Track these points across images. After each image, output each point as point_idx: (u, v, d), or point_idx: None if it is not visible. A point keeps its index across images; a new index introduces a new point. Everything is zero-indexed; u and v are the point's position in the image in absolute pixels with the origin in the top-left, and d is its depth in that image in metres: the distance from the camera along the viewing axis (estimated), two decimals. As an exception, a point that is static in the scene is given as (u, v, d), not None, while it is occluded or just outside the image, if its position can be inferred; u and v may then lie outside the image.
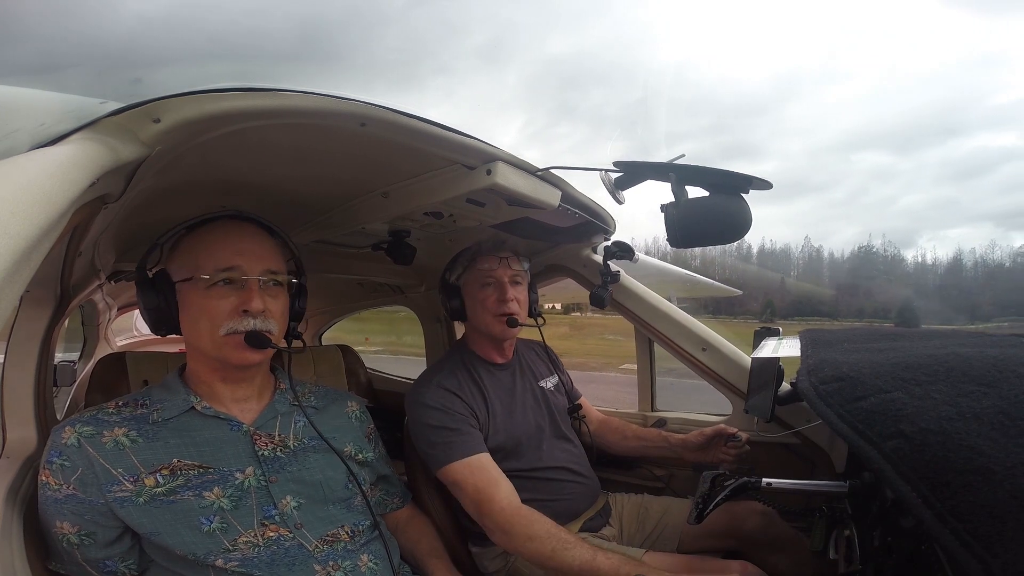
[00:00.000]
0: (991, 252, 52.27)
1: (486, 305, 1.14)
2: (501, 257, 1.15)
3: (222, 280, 0.74)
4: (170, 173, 0.72)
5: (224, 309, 0.74)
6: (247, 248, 0.77)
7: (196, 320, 0.75)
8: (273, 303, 0.78)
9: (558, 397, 1.28)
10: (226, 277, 0.75)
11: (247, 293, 0.75)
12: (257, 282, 0.76)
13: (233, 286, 0.75)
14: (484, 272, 1.14)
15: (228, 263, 0.75)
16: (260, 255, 0.77)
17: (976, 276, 48.25)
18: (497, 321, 1.13)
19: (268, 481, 0.77)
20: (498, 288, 1.14)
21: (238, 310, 0.74)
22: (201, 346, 0.77)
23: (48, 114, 0.54)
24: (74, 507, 0.69)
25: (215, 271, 0.74)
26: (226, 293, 0.75)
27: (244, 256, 0.76)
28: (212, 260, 0.74)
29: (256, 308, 0.74)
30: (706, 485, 0.86)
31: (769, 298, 12.00)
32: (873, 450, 0.48)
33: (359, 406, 0.98)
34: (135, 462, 0.71)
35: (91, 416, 0.73)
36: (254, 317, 0.75)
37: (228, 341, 0.74)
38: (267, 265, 0.78)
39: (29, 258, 0.38)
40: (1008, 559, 0.37)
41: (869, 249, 30.98)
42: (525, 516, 0.91)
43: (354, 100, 0.65)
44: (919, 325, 14.44)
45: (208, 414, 0.78)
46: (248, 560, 0.72)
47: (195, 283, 0.74)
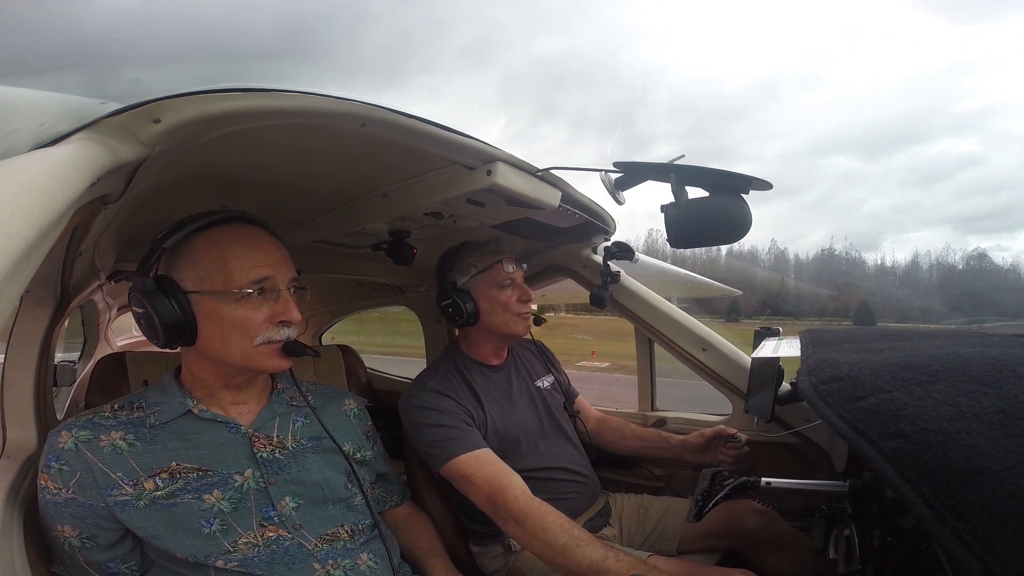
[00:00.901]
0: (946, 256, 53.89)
1: (508, 306, 1.15)
2: (511, 258, 1.18)
3: (260, 290, 0.74)
4: (170, 173, 0.72)
5: (258, 320, 0.73)
6: (276, 258, 0.76)
7: (226, 332, 0.73)
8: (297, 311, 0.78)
9: (555, 396, 1.28)
10: (263, 287, 0.74)
11: (282, 304, 0.74)
12: (288, 291, 0.76)
13: (264, 296, 0.74)
14: (505, 275, 1.16)
15: (262, 274, 0.73)
16: (286, 263, 0.77)
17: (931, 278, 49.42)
18: (519, 320, 1.16)
19: (267, 483, 0.77)
20: (519, 290, 1.17)
21: (273, 321, 0.74)
22: (228, 357, 0.74)
23: (48, 114, 0.54)
24: (74, 511, 0.68)
25: (250, 282, 0.72)
26: (259, 304, 0.73)
27: (275, 266, 0.75)
28: (245, 271, 0.72)
29: (295, 319, 0.75)
30: (705, 482, 0.85)
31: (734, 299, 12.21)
32: (873, 450, 0.48)
33: (357, 404, 0.97)
34: (134, 466, 0.71)
35: (87, 420, 0.73)
36: (287, 327, 0.75)
37: (261, 351, 0.74)
38: (292, 273, 0.78)
39: (29, 258, 0.38)
40: (1008, 559, 0.37)
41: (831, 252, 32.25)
42: (539, 507, 0.90)
43: (354, 100, 0.65)
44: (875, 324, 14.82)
45: (205, 417, 0.77)
46: (248, 560, 0.72)
47: (224, 295, 0.72)
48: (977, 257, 56.11)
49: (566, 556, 0.84)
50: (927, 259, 53.83)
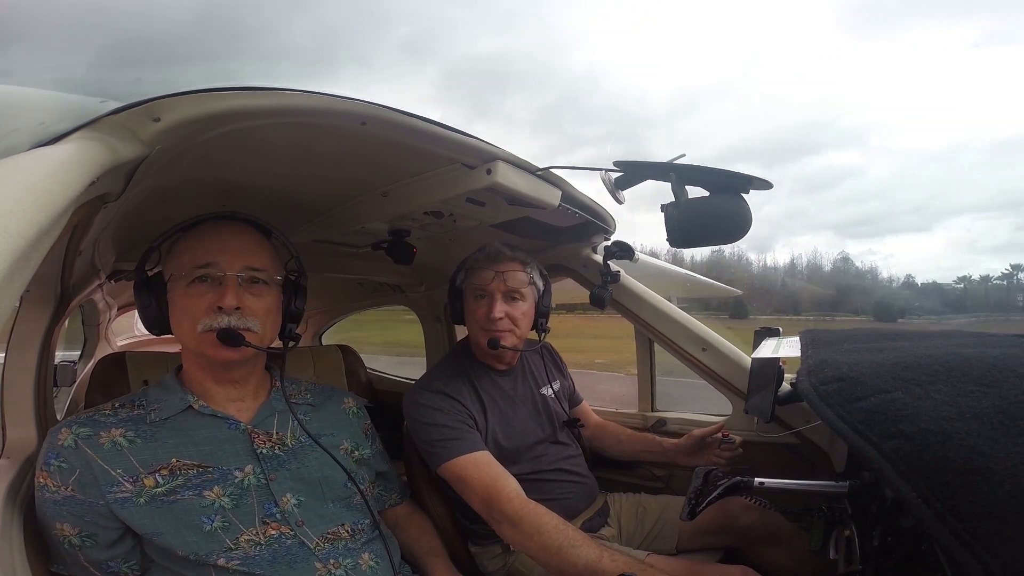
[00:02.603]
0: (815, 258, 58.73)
1: (476, 318, 1.12)
2: (496, 270, 1.10)
3: (199, 277, 0.74)
4: (170, 172, 0.72)
5: (201, 306, 0.74)
6: (226, 246, 0.76)
7: (179, 318, 0.76)
8: (255, 301, 0.77)
9: (559, 403, 1.28)
10: (203, 274, 0.74)
11: (222, 290, 0.74)
12: (235, 279, 0.75)
13: (210, 283, 0.75)
14: (477, 285, 1.12)
15: (205, 260, 0.74)
16: (240, 252, 0.76)
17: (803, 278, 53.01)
18: (484, 335, 1.11)
19: (268, 479, 0.77)
20: (488, 303, 1.10)
21: (213, 307, 0.74)
22: (185, 343, 0.78)
23: (47, 113, 0.54)
24: (73, 508, 0.68)
25: (192, 268, 0.74)
26: (203, 290, 0.74)
27: (222, 253, 0.75)
28: (191, 258, 0.75)
29: (228, 304, 0.73)
30: (699, 480, 0.86)
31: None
32: (873, 450, 0.48)
33: (355, 402, 0.97)
34: (134, 463, 0.71)
35: (87, 418, 0.73)
36: (228, 314, 0.74)
37: (205, 338, 0.74)
38: (248, 262, 0.76)
39: (29, 258, 0.38)
40: (1008, 559, 0.37)
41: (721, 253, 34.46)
42: (534, 509, 0.90)
43: (355, 100, 0.65)
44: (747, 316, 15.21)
45: (205, 413, 0.78)
46: (250, 559, 0.72)
47: (175, 281, 0.75)
48: (841, 260, 60.98)
49: (561, 557, 0.84)
50: (801, 261, 58.18)
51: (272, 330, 0.81)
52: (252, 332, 0.76)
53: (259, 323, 0.77)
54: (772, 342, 1.06)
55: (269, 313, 0.79)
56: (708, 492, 0.82)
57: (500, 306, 1.09)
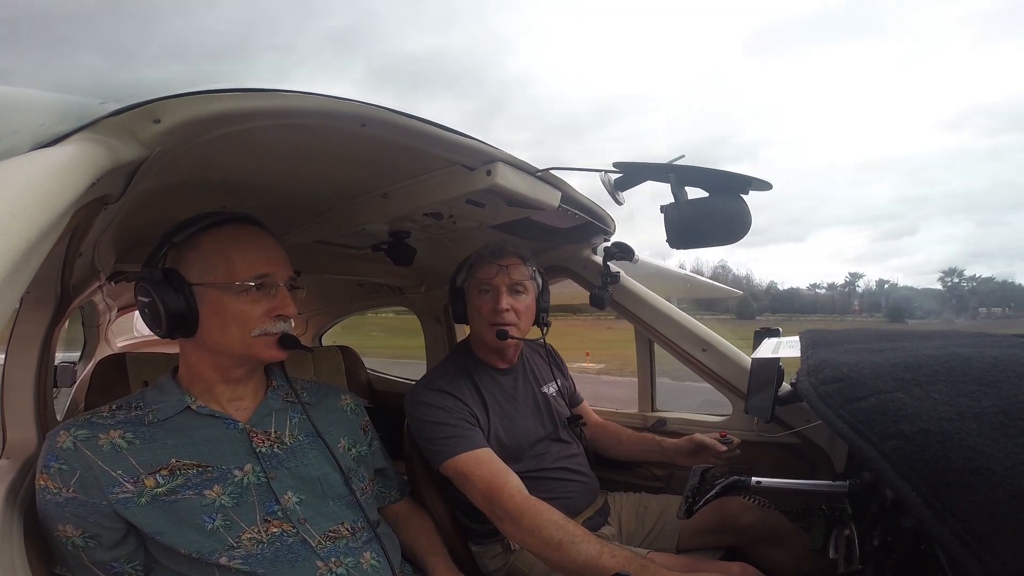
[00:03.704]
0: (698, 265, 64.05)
1: (482, 313, 1.14)
2: (500, 264, 1.13)
3: (258, 286, 0.77)
4: (170, 173, 0.72)
5: (256, 313, 0.77)
6: (276, 256, 0.80)
7: (227, 323, 0.76)
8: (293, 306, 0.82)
9: (560, 402, 1.28)
10: (261, 283, 0.78)
11: (280, 299, 0.79)
12: (285, 288, 0.80)
13: (263, 291, 0.78)
14: (481, 280, 1.13)
15: (263, 270, 0.77)
16: (285, 263, 0.82)
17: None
18: (490, 329, 1.13)
19: (268, 477, 0.77)
20: (493, 297, 1.13)
21: (271, 315, 0.78)
22: (228, 347, 0.77)
23: (48, 114, 0.54)
24: (76, 510, 0.68)
25: (252, 277, 0.77)
26: (258, 298, 0.77)
27: (275, 264, 0.79)
28: (248, 267, 0.77)
29: (291, 313, 0.80)
30: (696, 478, 0.86)
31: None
32: (873, 450, 0.48)
33: (353, 400, 0.98)
34: (133, 463, 0.71)
35: (85, 420, 0.73)
36: (284, 321, 0.79)
37: (258, 342, 0.78)
38: (290, 272, 0.82)
39: (29, 259, 0.38)
40: (1008, 559, 0.37)
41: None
42: (535, 506, 0.91)
43: (354, 101, 0.65)
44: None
45: (204, 413, 0.78)
46: (252, 557, 0.72)
47: (227, 288, 0.75)
48: (721, 267, 68.18)
49: (561, 553, 0.84)
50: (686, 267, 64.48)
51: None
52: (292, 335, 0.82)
53: (294, 325, 0.83)
54: (772, 342, 1.06)
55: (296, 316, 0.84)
56: (705, 491, 0.82)
57: (506, 298, 1.12)
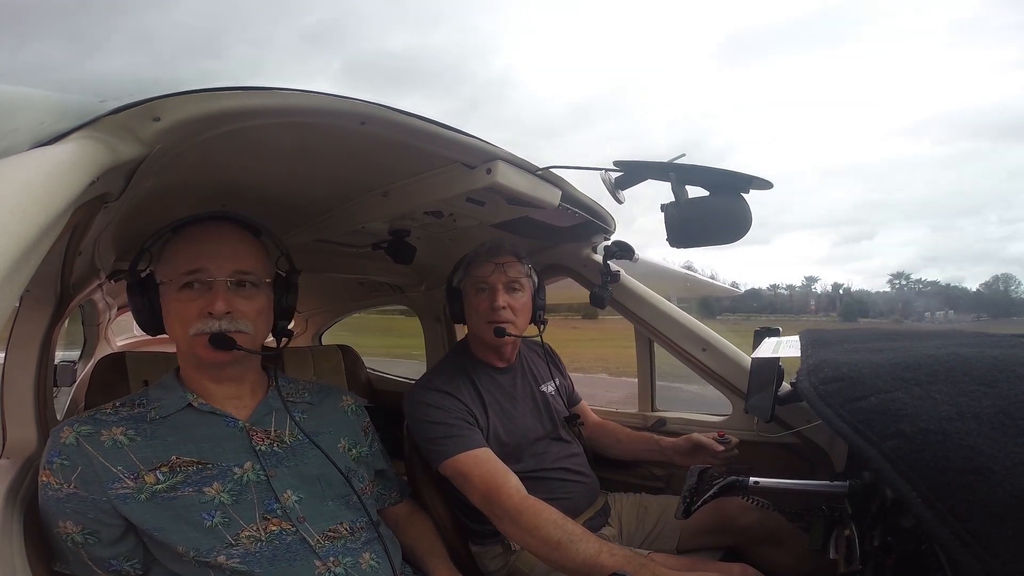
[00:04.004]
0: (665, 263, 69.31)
1: (479, 311, 1.14)
2: (496, 263, 1.13)
3: (189, 283, 0.75)
4: (170, 172, 0.72)
5: (192, 312, 0.75)
6: (214, 250, 0.76)
7: (171, 322, 0.77)
8: (245, 304, 0.77)
9: (559, 401, 1.28)
10: (191, 280, 0.75)
11: (212, 295, 0.75)
12: (224, 284, 0.75)
13: (199, 289, 0.75)
14: (478, 278, 1.14)
15: (193, 266, 0.75)
16: (228, 256, 0.77)
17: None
18: (488, 328, 1.13)
19: (268, 475, 0.77)
20: (490, 295, 1.13)
21: (203, 312, 0.75)
22: (179, 345, 0.79)
23: (47, 112, 0.54)
24: (76, 506, 0.69)
25: (182, 274, 0.75)
26: (193, 296, 0.75)
27: (211, 258, 0.76)
28: (182, 263, 0.76)
29: (218, 310, 0.74)
30: (693, 479, 0.86)
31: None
32: (873, 450, 0.48)
33: (354, 401, 0.98)
34: (134, 460, 0.72)
35: (89, 416, 0.74)
36: (218, 319, 0.75)
37: (196, 341, 0.75)
38: (236, 266, 0.77)
39: (29, 257, 0.38)
40: (1008, 559, 0.37)
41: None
42: (533, 505, 0.91)
43: (355, 99, 0.65)
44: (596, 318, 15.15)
45: (204, 410, 0.78)
46: (250, 555, 0.72)
47: (167, 286, 0.77)
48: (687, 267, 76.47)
49: (560, 552, 0.84)
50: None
51: (264, 330, 0.82)
52: (244, 334, 0.77)
53: (251, 324, 0.78)
54: (772, 342, 1.06)
55: (261, 314, 0.80)
56: (703, 491, 0.82)
57: (502, 296, 1.12)
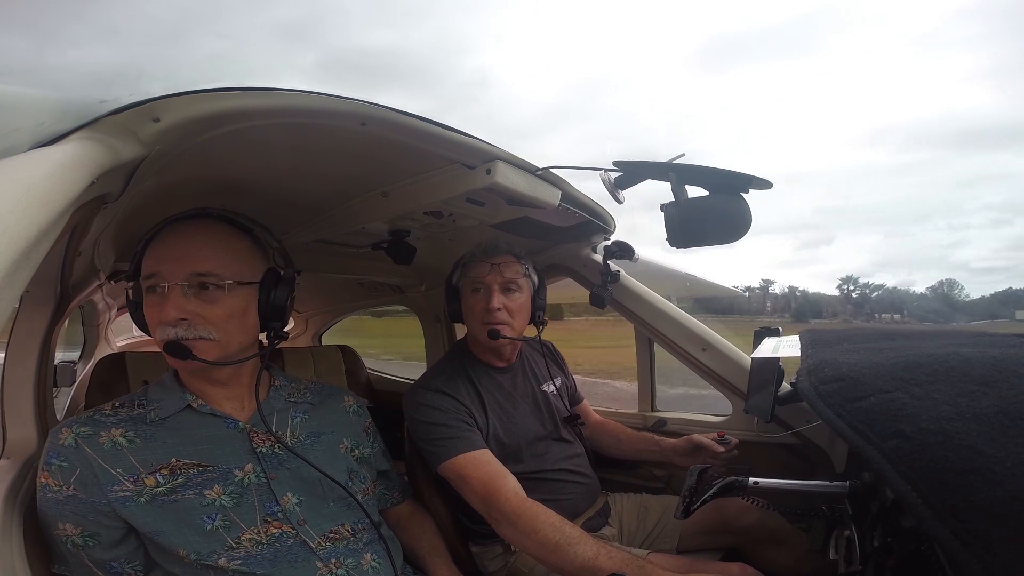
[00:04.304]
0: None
1: (474, 311, 1.13)
2: (492, 263, 1.12)
3: (149, 288, 0.73)
4: (170, 172, 0.72)
5: (153, 318, 0.73)
6: (169, 253, 0.73)
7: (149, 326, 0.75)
8: (207, 308, 0.72)
9: (560, 401, 1.28)
10: (151, 285, 0.72)
11: (164, 301, 0.71)
12: (179, 288, 0.71)
13: (159, 294, 0.72)
14: (474, 278, 1.13)
15: (150, 270, 0.72)
16: (185, 258, 0.72)
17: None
18: (483, 328, 1.12)
19: (268, 478, 0.77)
20: (485, 295, 1.12)
21: (160, 320, 0.72)
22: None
23: (47, 113, 0.54)
24: (76, 508, 0.68)
25: (143, 279, 0.73)
26: (154, 302, 0.72)
27: (164, 262, 0.72)
28: (144, 268, 0.73)
29: (167, 318, 0.71)
30: (693, 478, 0.86)
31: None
32: (873, 450, 0.48)
33: (356, 401, 0.97)
34: (134, 462, 0.71)
35: (88, 417, 0.73)
36: (173, 326, 0.71)
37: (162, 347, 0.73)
38: (193, 268, 0.72)
39: (29, 258, 0.38)
40: (1008, 559, 0.37)
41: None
42: (531, 508, 0.91)
43: (355, 100, 0.65)
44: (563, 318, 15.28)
45: (204, 412, 0.77)
46: (251, 558, 0.72)
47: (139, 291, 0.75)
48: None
49: (558, 555, 0.84)
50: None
51: (240, 334, 0.77)
52: (206, 340, 0.73)
53: (216, 330, 0.73)
54: (772, 342, 1.06)
55: (230, 318, 0.74)
56: (702, 491, 0.82)
57: (498, 297, 1.11)
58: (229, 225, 0.78)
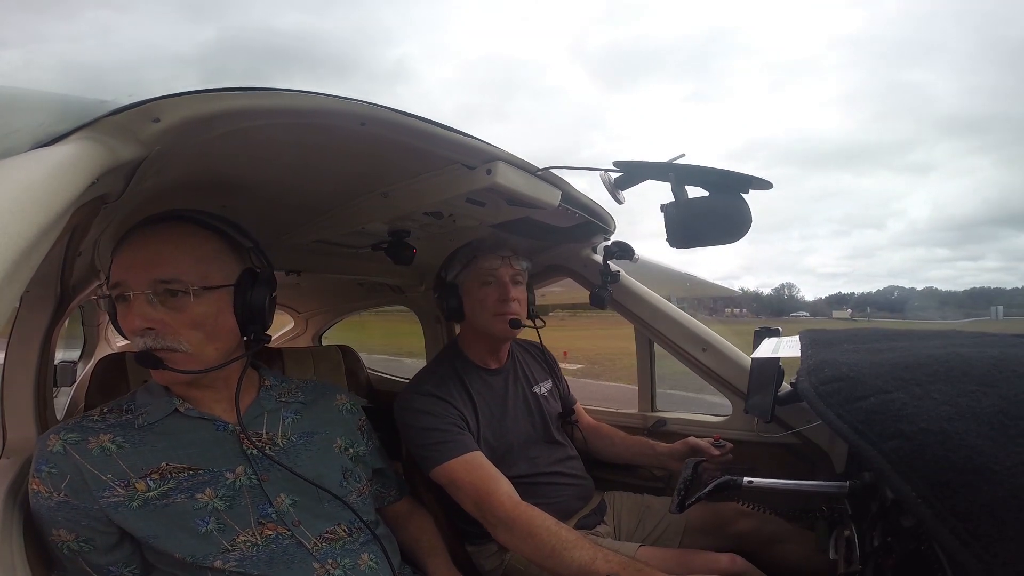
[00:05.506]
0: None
1: (486, 304, 1.13)
2: (503, 256, 1.13)
3: (117, 297, 0.71)
4: (169, 173, 0.72)
5: (126, 328, 0.71)
6: (131, 259, 0.70)
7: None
8: (174, 316, 0.70)
9: (551, 403, 1.27)
10: (117, 295, 0.70)
11: (128, 310, 0.69)
12: (143, 296, 0.69)
13: (126, 303, 0.70)
14: (485, 271, 1.13)
15: (115, 279, 0.70)
16: (147, 265, 0.69)
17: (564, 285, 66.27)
18: (498, 321, 1.12)
19: (260, 480, 0.76)
20: (499, 287, 1.12)
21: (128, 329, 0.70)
22: None
23: (47, 113, 0.54)
24: (68, 514, 0.68)
25: (111, 288, 0.71)
26: (123, 311, 0.70)
27: (129, 270, 0.70)
28: (112, 276, 0.71)
29: (133, 327, 0.69)
30: (688, 470, 0.86)
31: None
32: (873, 450, 0.48)
33: (348, 399, 0.96)
34: (124, 467, 0.70)
35: (75, 423, 0.73)
36: (141, 336, 0.69)
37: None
38: (156, 275, 0.69)
39: (29, 258, 0.38)
40: (1008, 558, 0.37)
41: None
42: (526, 512, 0.90)
43: (354, 100, 0.65)
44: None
45: (192, 415, 0.76)
46: (247, 559, 0.72)
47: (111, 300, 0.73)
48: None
49: (554, 559, 0.84)
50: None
51: (215, 340, 0.74)
52: (175, 351, 0.70)
53: (185, 340, 0.71)
54: (772, 342, 1.06)
55: (199, 325, 0.72)
56: (697, 486, 0.82)
57: (513, 289, 1.12)
58: (198, 227, 0.75)
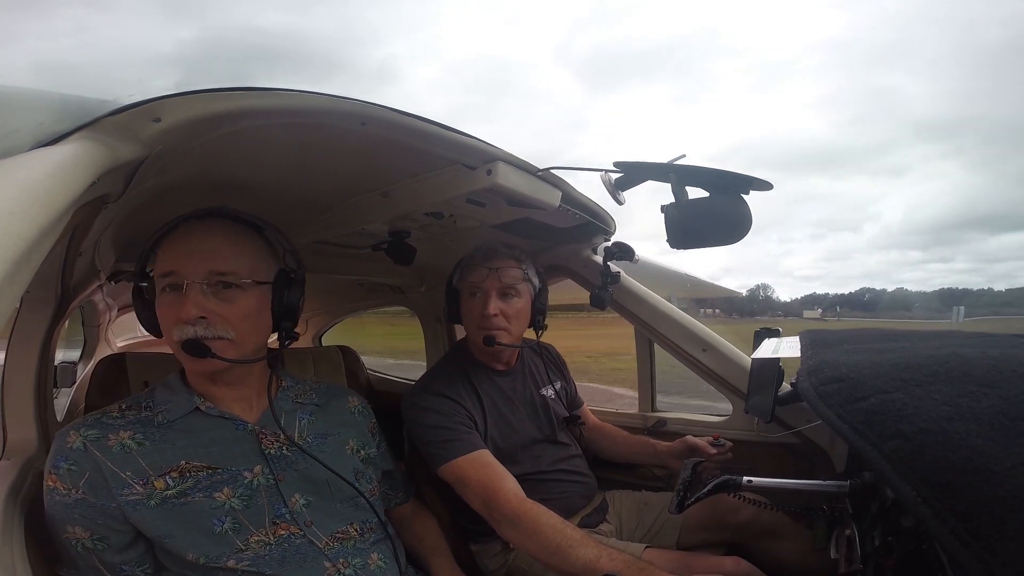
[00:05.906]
0: None
1: (471, 316, 1.13)
2: (491, 268, 1.11)
3: (167, 286, 0.72)
4: (170, 173, 0.72)
5: (170, 317, 0.72)
6: (189, 250, 0.72)
7: (161, 326, 0.74)
8: (225, 307, 0.72)
9: (559, 404, 1.28)
10: (168, 283, 0.72)
11: (183, 299, 0.71)
12: (198, 287, 0.71)
13: (177, 292, 0.71)
14: (471, 283, 1.12)
15: (167, 268, 0.72)
16: (204, 256, 0.72)
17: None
18: (479, 333, 1.12)
19: (276, 479, 0.77)
20: (482, 301, 1.11)
21: (178, 318, 0.71)
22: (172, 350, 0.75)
23: (47, 113, 0.54)
24: (85, 511, 0.68)
25: (159, 277, 0.72)
26: (171, 300, 0.72)
27: (186, 260, 0.71)
28: (160, 266, 0.73)
29: (186, 316, 0.70)
30: (687, 471, 0.86)
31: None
32: (873, 450, 0.48)
33: (360, 402, 0.97)
34: (143, 465, 0.70)
35: (95, 420, 0.73)
36: (192, 324, 0.70)
37: (177, 348, 0.72)
38: (212, 267, 0.72)
39: (29, 258, 0.38)
40: (1008, 559, 0.37)
41: None
42: (532, 509, 0.91)
43: (355, 100, 0.65)
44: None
45: (212, 414, 0.77)
46: (260, 559, 0.72)
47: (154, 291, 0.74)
48: None
49: (560, 557, 0.84)
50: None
51: (255, 334, 0.77)
52: (224, 340, 0.72)
53: (233, 330, 0.73)
54: (772, 342, 1.06)
55: (247, 318, 0.74)
56: (697, 486, 0.82)
57: (495, 303, 1.10)
58: (243, 224, 0.78)
